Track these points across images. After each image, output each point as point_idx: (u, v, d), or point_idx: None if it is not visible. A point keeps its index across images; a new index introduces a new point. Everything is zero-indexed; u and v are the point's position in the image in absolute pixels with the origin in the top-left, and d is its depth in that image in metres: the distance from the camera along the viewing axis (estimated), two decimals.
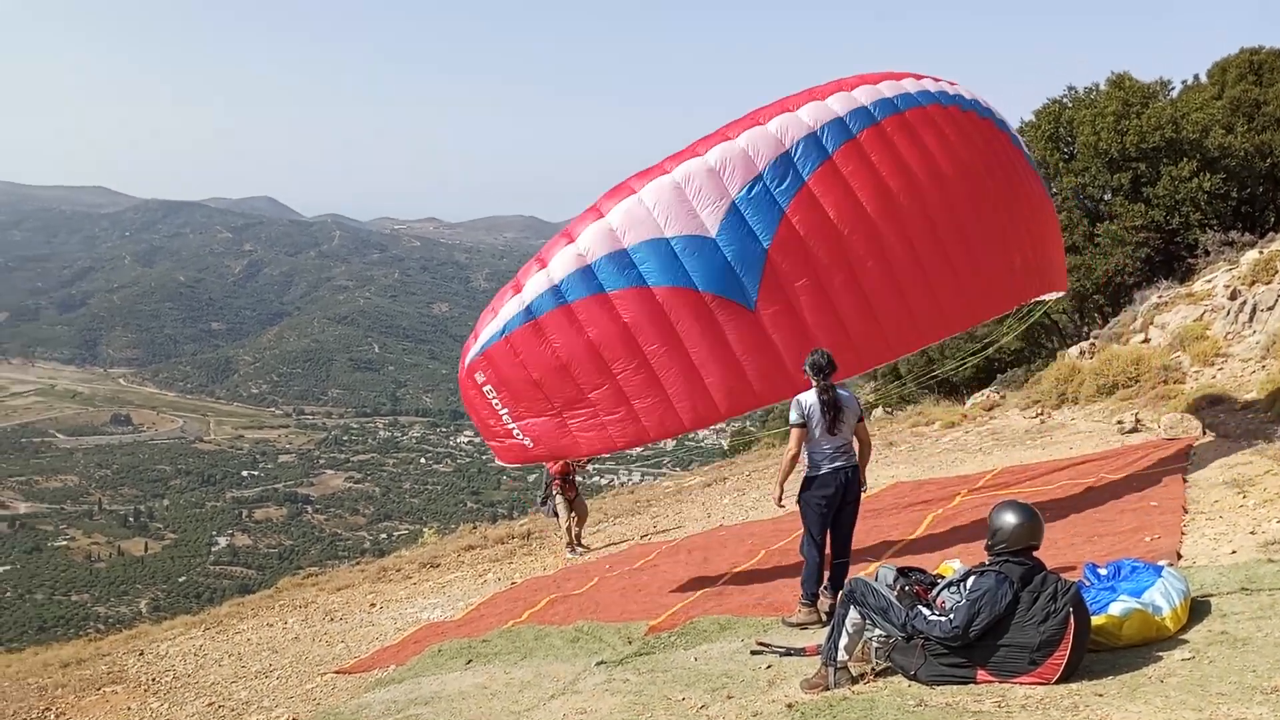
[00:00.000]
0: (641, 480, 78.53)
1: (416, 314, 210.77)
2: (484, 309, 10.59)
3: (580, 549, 14.59)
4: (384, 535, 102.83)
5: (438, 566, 16.22)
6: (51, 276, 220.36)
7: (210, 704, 9.42)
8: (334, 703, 8.42)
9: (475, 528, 21.41)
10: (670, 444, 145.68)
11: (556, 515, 14.47)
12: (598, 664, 7.68)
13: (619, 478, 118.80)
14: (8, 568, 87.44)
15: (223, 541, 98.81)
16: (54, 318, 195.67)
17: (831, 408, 7.52)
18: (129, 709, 9.76)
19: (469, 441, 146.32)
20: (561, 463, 13.51)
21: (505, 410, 9.90)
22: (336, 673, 9.76)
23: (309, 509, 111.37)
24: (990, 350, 24.40)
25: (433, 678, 8.32)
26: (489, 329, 10.04)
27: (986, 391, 22.56)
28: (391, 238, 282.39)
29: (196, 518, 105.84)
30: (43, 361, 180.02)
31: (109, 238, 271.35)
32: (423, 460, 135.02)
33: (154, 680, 10.71)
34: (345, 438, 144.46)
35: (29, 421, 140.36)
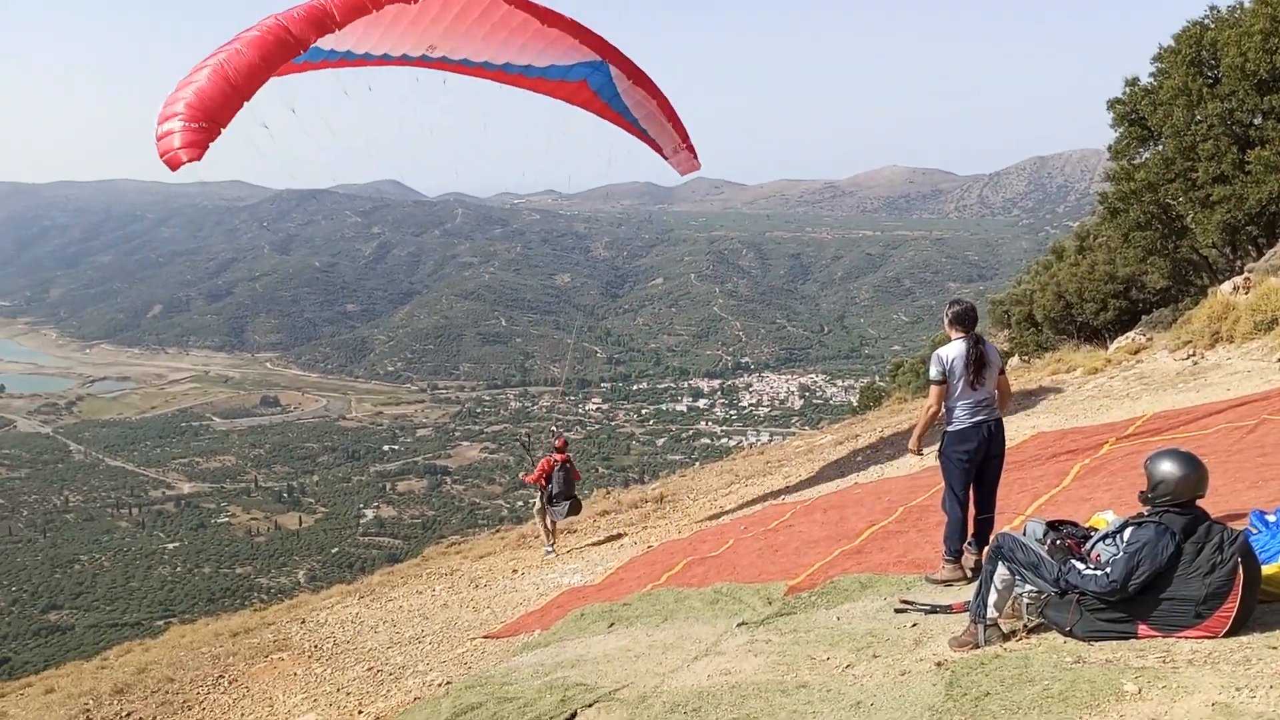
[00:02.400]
0: (771, 440, 78.17)
1: (539, 286, 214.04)
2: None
3: (549, 548, 14.70)
4: (520, 503, 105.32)
5: (575, 532, 16.54)
6: (199, 269, 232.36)
7: (369, 669, 9.86)
8: (484, 666, 8.69)
9: (608, 493, 21.72)
10: (798, 403, 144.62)
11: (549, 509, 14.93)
12: (739, 625, 7.68)
13: (748, 438, 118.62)
14: (176, 544, 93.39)
15: (369, 513, 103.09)
16: (203, 308, 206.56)
17: (977, 362, 7.27)
18: (295, 674, 10.31)
19: (597, 409, 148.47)
20: (547, 461, 14.95)
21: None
22: (485, 637, 10.06)
23: (448, 480, 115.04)
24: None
25: (577, 641, 8.48)
26: None
27: (1131, 334, 21.47)
28: (512, 212, 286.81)
29: (344, 492, 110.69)
30: (196, 350, 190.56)
31: (248, 229, 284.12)
32: (554, 428, 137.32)
33: (316, 646, 11.27)
34: (478, 410, 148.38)
35: (187, 407, 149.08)
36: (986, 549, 6.42)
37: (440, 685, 8.51)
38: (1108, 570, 5.28)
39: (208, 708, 9.78)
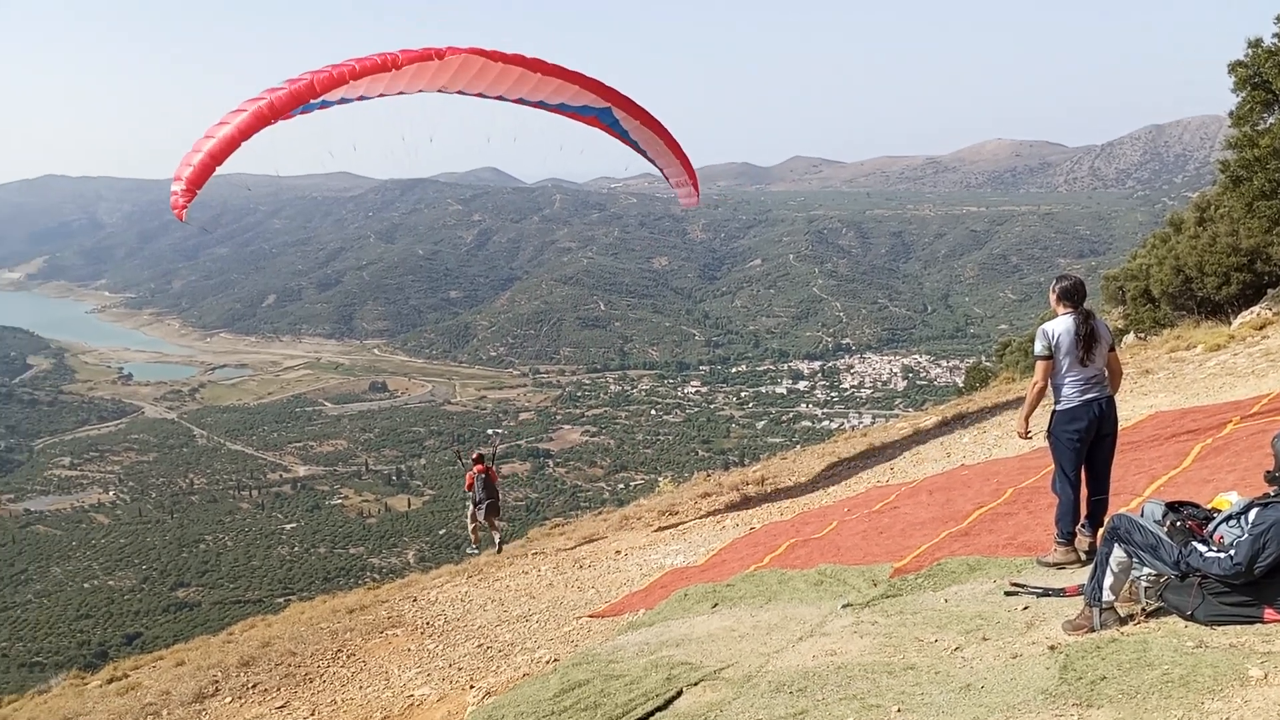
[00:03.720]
0: (873, 422, 77.03)
1: (637, 269, 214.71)
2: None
3: (473, 549, 16.02)
4: (621, 485, 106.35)
5: (676, 514, 16.63)
6: (309, 259, 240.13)
7: (479, 645, 10.13)
8: (590, 644, 8.84)
9: (709, 475, 21.76)
10: (901, 385, 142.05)
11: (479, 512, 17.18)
12: (844, 606, 7.65)
13: (849, 421, 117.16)
14: (294, 525, 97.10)
15: None
16: (314, 296, 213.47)
17: (1087, 338, 7.05)
18: (409, 649, 10.66)
19: (696, 392, 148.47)
20: (470, 475, 17.20)
21: None
22: (590, 616, 10.23)
23: (550, 463, 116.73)
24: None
25: (681, 621, 8.56)
26: None
27: (1256, 309, 20.47)
28: (609, 196, 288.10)
29: (450, 475, 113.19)
30: (308, 337, 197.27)
31: (355, 219, 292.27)
32: (653, 412, 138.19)
33: (428, 624, 11.63)
34: (579, 393, 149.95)
35: (301, 393, 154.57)
36: (1102, 531, 6.25)
37: (548, 662, 8.70)
38: (1232, 552, 5.09)
39: (328, 680, 10.19)
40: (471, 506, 17.15)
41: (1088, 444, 7.19)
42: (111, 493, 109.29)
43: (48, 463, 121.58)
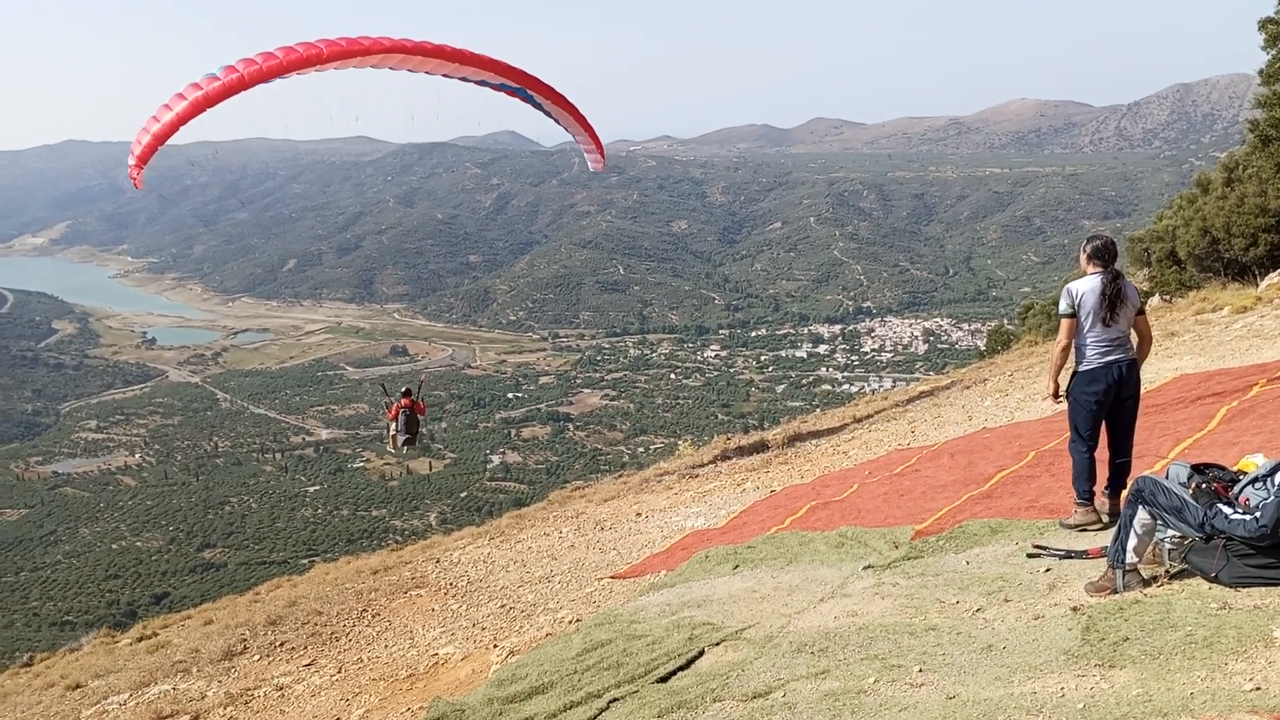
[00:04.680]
0: (894, 386, 76.81)
1: (656, 233, 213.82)
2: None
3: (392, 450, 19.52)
4: (641, 449, 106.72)
5: (696, 477, 16.67)
6: (329, 223, 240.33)
7: (502, 606, 10.24)
8: (612, 605, 8.91)
9: (729, 439, 21.78)
10: (922, 348, 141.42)
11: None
12: (865, 568, 7.69)
13: (870, 384, 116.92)
14: (317, 487, 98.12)
15: (495, 459, 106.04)
16: (334, 261, 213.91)
17: (1113, 298, 6.98)
18: (433, 609, 10.79)
19: (716, 355, 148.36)
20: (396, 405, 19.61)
21: None
22: (612, 578, 10.31)
23: (570, 426, 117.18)
24: None
25: (702, 582, 8.62)
26: None
27: None
28: (628, 160, 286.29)
29: (471, 438, 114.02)
30: (329, 301, 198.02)
31: (374, 183, 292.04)
32: (672, 375, 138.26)
33: (451, 584, 11.76)
34: (598, 358, 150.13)
35: (323, 357, 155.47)
36: (1125, 493, 6.24)
37: (570, 622, 8.78)
38: (1258, 515, 5.07)
39: (354, 639, 10.34)
40: (391, 432, 19.72)
41: (1106, 407, 7.15)
42: (138, 455, 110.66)
43: (75, 426, 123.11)
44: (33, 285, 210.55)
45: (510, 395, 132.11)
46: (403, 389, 19.90)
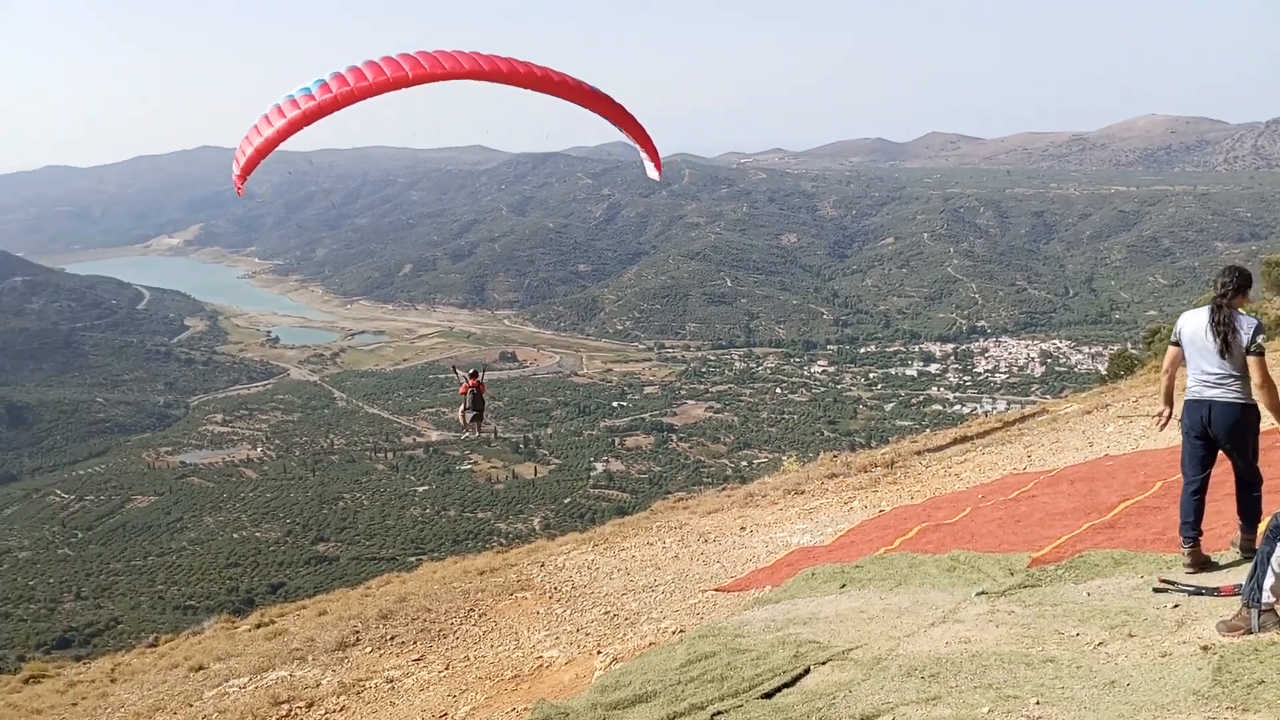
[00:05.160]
0: (1008, 408, 74.64)
1: (765, 246, 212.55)
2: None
3: (466, 434, 21.51)
4: (744, 462, 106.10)
5: (802, 493, 16.51)
6: (444, 230, 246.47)
7: (606, 612, 10.32)
8: (716, 618, 8.90)
9: (836, 456, 21.48)
10: (1039, 370, 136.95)
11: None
12: (978, 594, 7.50)
13: (982, 406, 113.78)
14: (426, 488, 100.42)
15: (599, 467, 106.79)
16: (448, 267, 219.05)
17: (1215, 330, 6.61)
18: (538, 612, 10.95)
19: (823, 371, 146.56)
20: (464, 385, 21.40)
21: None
22: (716, 590, 10.29)
23: (674, 437, 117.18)
24: None
25: (808, 600, 8.53)
26: None
27: None
28: (738, 172, 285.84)
29: (575, 445, 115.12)
30: (442, 306, 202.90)
31: (488, 192, 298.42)
32: (778, 390, 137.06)
33: (556, 589, 11.91)
34: (704, 369, 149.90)
35: (434, 360, 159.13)
36: (1262, 528, 5.94)
37: (674, 633, 8.80)
38: None
39: (460, 637, 10.56)
40: (462, 408, 21.47)
41: (1204, 443, 6.85)
42: (259, 449, 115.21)
43: (202, 419, 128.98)
44: (168, 283, 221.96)
45: (615, 404, 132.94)
46: (470, 370, 21.87)
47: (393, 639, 10.90)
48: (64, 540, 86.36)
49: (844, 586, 8.71)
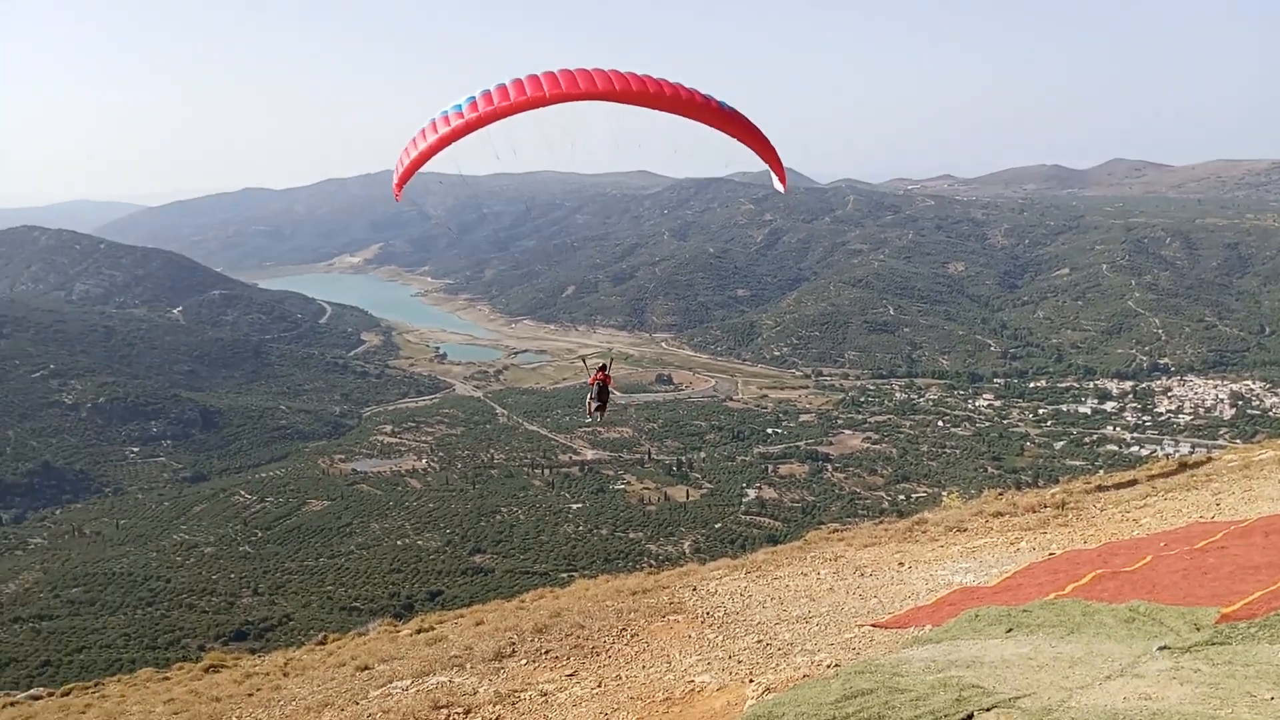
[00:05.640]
0: (1192, 451, 69.97)
1: (931, 274, 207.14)
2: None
3: (589, 418, 22.59)
4: (902, 496, 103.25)
5: (965, 531, 15.93)
6: (606, 253, 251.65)
7: (759, 640, 10.22)
8: (872, 654, 8.68)
9: (1001, 494, 20.63)
10: (1228, 412, 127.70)
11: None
12: (1160, 649, 7.04)
13: (1163, 448, 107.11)
14: (579, 505, 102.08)
15: (751, 493, 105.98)
16: (609, 289, 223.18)
17: None
18: (690, 636, 10.94)
19: (989, 405, 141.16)
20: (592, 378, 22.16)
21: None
22: (873, 625, 10.03)
23: (829, 467, 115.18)
24: None
25: (971, 642, 8.20)
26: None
27: None
28: (905, 198, 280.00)
29: (728, 470, 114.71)
30: (602, 328, 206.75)
31: (650, 216, 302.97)
32: (940, 423, 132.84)
33: (708, 614, 11.87)
34: (862, 399, 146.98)
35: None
36: None
37: (829, 666, 8.63)
38: None
39: (613, 656, 10.67)
40: (589, 397, 22.21)
41: None
42: (424, 460, 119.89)
43: (373, 429, 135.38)
44: (348, 299, 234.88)
45: (770, 431, 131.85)
46: (599, 365, 22.67)
47: (547, 653, 11.10)
48: (245, 538, 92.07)
49: (1010, 631, 8.33)
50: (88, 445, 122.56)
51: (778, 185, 20.44)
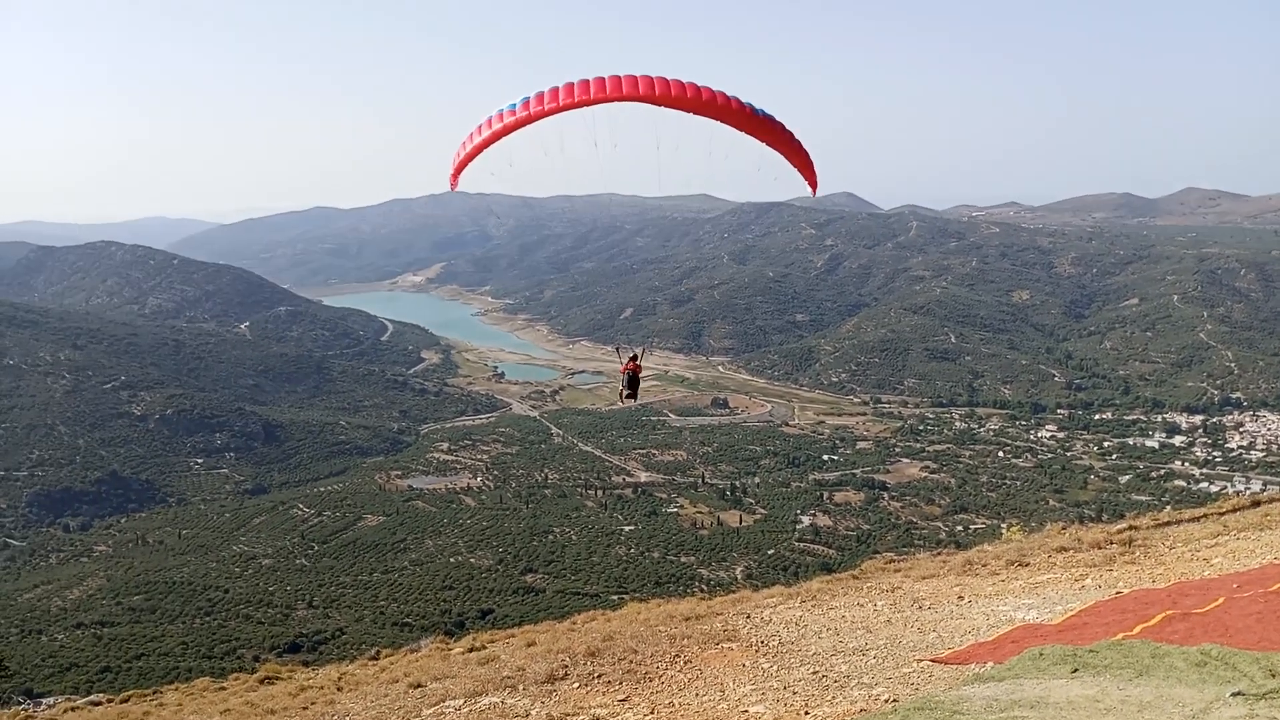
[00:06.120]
0: (1264, 489, 67.68)
1: (994, 302, 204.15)
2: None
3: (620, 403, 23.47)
4: (960, 527, 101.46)
5: (1027, 565, 15.58)
6: (665, 276, 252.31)
7: (814, 672, 10.06)
8: (931, 690, 8.48)
9: (1065, 528, 20.15)
10: None
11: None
12: (1233, 694, 6.77)
13: (1234, 484, 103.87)
14: (632, 527, 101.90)
15: (806, 520, 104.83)
16: (668, 311, 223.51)
17: None
18: (743, 665, 10.80)
19: (1051, 436, 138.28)
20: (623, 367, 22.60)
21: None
22: (932, 660, 9.82)
23: (885, 495, 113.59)
24: None
25: (1035, 681, 7.97)
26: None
27: None
28: (969, 225, 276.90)
29: (783, 496, 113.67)
30: (659, 350, 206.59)
31: (710, 239, 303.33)
32: (1001, 454, 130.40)
33: (763, 643, 11.72)
34: (921, 427, 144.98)
35: (648, 403, 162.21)
36: None
37: (886, 701, 8.46)
38: None
39: (665, 682, 10.57)
40: (621, 385, 22.75)
41: None
42: (479, 478, 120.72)
43: (430, 446, 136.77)
44: (409, 318, 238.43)
45: (826, 457, 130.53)
46: (630, 354, 23.24)
47: (599, 677, 11.04)
48: (302, 551, 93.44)
49: (1076, 671, 8.08)
50: (154, 455, 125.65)
51: (808, 190, 20.90)
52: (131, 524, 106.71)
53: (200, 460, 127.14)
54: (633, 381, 22.94)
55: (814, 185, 20.37)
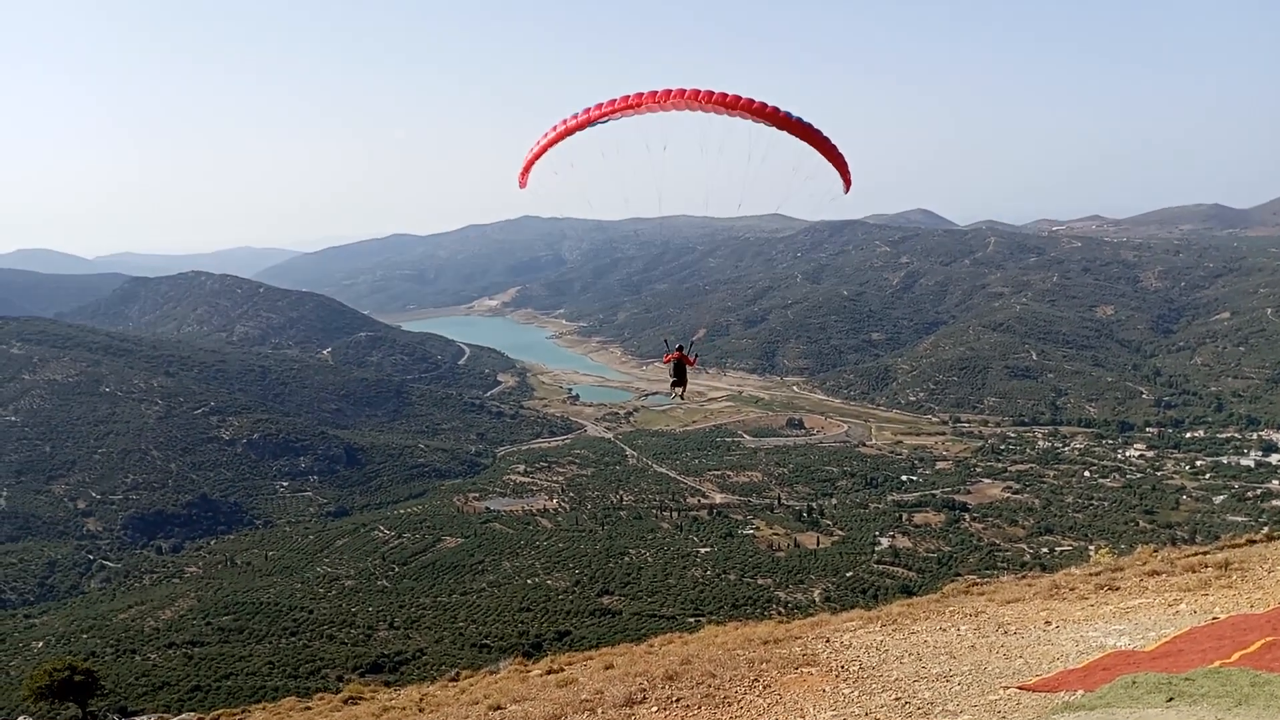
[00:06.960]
0: None
1: (1077, 318, 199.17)
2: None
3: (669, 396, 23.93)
4: (1045, 549, 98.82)
5: (1117, 589, 15.11)
6: (738, 296, 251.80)
7: (896, 698, 9.87)
8: (1019, 719, 8.27)
9: (1156, 550, 19.53)
10: None
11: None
12: None
13: None
14: (708, 549, 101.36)
15: (884, 542, 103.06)
16: (740, 332, 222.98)
17: None
18: (823, 690, 10.66)
19: (1140, 455, 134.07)
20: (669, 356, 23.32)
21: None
22: (1019, 688, 9.57)
23: (966, 516, 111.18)
24: None
25: (1128, 710, 7.73)
26: None
27: None
28: (1049, 240, 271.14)
29: (861, 517, 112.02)
30: (733, 371, 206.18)
31: (783, 259, 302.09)
32: (1086, 473, 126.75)
33: (843, 668, 11.55)
34: (1002, 446, 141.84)
35: (722, 423, 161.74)
36: None
37: None
38: None
39: (744, 708, 10.48)
40: (671, 376, 23.19)
41: None
42: (555, 500, 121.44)
43: (506, 468, 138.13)
44: (487, 341, 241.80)
45: (904, 478, 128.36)
46: (678, 344, 23.75)
47: (678, 701, 10.99)
48: (383, 573, 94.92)
49: (1172, 700, 7.81)
50: (242, 479, 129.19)
51: (840, 189, 21.72)
52: (221, 546, 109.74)
53: (285, 483, 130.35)
54: (679, 369, 23.36)
55: (848, 182, 21.26)
